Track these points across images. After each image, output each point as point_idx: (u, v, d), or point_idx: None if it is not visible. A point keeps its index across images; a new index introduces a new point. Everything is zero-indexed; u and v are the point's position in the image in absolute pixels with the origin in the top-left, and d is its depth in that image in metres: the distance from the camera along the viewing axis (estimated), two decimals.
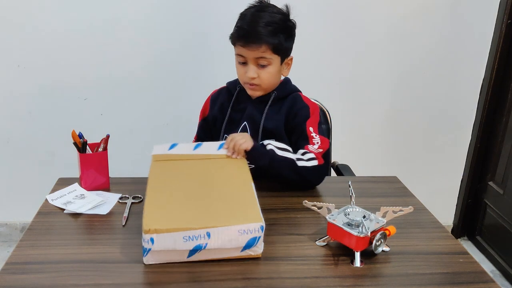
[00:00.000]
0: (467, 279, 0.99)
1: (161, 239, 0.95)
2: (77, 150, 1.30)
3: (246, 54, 1.34)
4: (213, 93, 1.55)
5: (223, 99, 1.50)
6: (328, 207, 1.08)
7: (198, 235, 0.96)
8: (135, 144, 2.25)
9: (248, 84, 1.39)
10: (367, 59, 2.24)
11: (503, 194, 2.27)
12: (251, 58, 1.34)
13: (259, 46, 1.32)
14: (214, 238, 0.97)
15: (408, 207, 1.06)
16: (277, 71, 1.39)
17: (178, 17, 2.10)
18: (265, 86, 1.40)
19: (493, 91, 2.29)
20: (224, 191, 1.12)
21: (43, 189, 1.37)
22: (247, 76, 1.36)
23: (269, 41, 1.32)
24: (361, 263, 1.01)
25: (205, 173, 1.20)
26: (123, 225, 1.14)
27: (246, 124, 1.44)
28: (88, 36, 2.09)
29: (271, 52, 1.34)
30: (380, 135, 2.40)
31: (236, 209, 1.04)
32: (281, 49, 1.36)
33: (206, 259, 1.00)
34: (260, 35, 1.31)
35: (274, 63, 1.37)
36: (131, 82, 2.18)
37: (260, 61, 1.35)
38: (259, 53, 1.33)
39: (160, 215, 1.00)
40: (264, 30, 1.31)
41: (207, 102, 1.54)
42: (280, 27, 1.35)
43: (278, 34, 1.33)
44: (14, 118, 2.20)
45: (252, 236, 0.98)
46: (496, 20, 2.22)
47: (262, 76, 1.37)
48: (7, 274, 0.95)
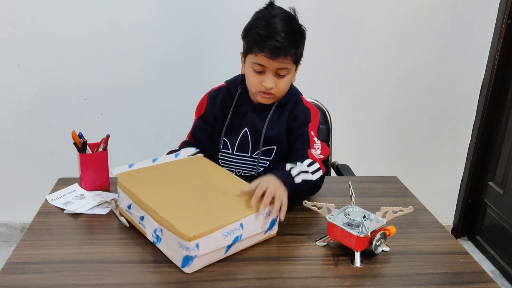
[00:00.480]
0: (467, 279, 0.99)
1: (205, 242, 0.95)
2: (77, 150, 1.30)
3: (268, 64, 1.26)
4: (211, 91, 1.47)
5: (224, 99, 1.43)
6: (328, 207, 1.08)
7: (234, 228, 0.99)
8: (135, 144, 2.25)
9: (261, 93, 1.32)
10: (368, 59, 2.24)
11: (503, 194, 2.27)
12: (272, 69, 1.27)
13: (285, 58, 1.25)
14: (246, 227, 1.02)
15: (408, 207, 1.06)
16: (291, 79, 1.35)
17: (178, 17, 2.10)
18: (280, 95, 1.35)
19: (493, 91, 2.29)
20: (218, 186, 1.14)
21: (43, 189, 1.37)
22: (265, 86, 1.29)
23: (293, 52, 1.26)
24: (361, 263, 1.01)
25: (184, 175, 1.20)
26: (127, 226, 1.14)
27: (247, 130, 1.40)
28: (88, 36, 2.09)
29: (292, 63, 1.29)
30: (380, 135, 2.40)
31: (245, 199, 1.08)
32: (300, 58, 1.33)
33: (239, 250, 1.04)
34: (286, 47, 1.24)
35: (291, 72, 1.32)
36: (131, 82, 2.18)
37: (280, 71, 1.28)
38: (284, 64, 1.27)
39: (190, 220, 0.98)
40: (289, 42, 1.24)
41: (204, 101, 1.46)
42: (300, 36, 1.30)
43: (299, 44, 1.29)
44: (14, 118, 2.20)
45: (272, 218, 1.08)
46: (496, 20, 2.22)
47: (280, 86, 1.31)
48: (7, 274, 0.95)
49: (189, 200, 1.08)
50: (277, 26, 1.25)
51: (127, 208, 1.13)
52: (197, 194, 1.11)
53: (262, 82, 1.29)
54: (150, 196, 1.07)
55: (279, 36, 1.23)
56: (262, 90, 1.31)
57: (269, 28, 1.25)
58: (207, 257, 0.98)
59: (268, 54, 1.24)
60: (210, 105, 1.44)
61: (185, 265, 0.96)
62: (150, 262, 1.01)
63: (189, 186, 1.15)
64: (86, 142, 1.31)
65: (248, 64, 1.31)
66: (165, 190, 1.12)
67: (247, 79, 1.35)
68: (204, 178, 1.19)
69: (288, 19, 1.29)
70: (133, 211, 1.10)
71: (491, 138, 2.38)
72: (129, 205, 1.12)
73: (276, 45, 1.22)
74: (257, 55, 1.26)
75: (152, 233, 1.03)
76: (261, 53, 1.25)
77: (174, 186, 1.15)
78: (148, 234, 1.06)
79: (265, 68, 1.28)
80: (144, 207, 1.05)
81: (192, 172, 1.23)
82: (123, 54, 2.13)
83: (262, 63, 1.27)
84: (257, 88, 1.32)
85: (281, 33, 1.23)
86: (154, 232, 1.03)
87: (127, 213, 1.14)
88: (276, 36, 1.23)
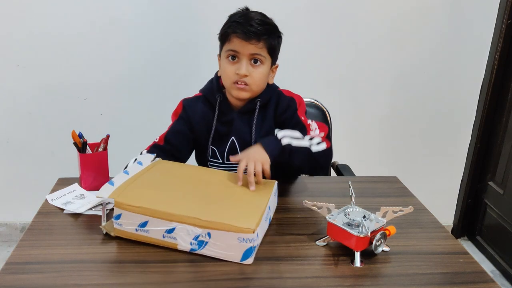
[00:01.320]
0: (467, 279, 0.99)
1: (260, 230, 1.03)
2: (77, 150, 1.31)
3: (241, 48, 1.28)
4: (187, 99, 1.43)
5: (204, 110, 1.40)
6: (328, 207, 1.08)
7: (267, 212, 1.10)
8: (135, 144, 2.24)
9: (236, 84, 1.31)
10: (368, 59, 2.24)
11: (503, 194, 2.27)
12: (246, 54, 1.29)
13: (258, 41, 1.28)
14: (272, 208, 1.16)
15: (408, 207, 1.06)
16: (266, 74, 1.35)
17: (178, 17, 2.10)
18: (255, 88, 1.33)
19: (493, 91, 2.29)
20: (213, 181, 1.19)
21: (43, 189, 1.37)
22: (239, 73, 1.29)
23: (267, 39, 1.29)
24: (361, 263, 1.01)
25: (172, 178, 1.19)
26: (104, 233, 1.10)
27: (234, 139, 1.39)
28: (88, 36, 2.09)
29: (267, 52, 1.31)
30: (380, 135, 2.40)
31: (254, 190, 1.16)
32: (275, 52, 1.34)
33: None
34: (259, 31, 1.27)
35: (266, 65, 1.33)
36: (131, 82, 2.18)
37: (255, 57, 1.29)
38: (257, 48, 1.28)
39: (235, 214, 1.02)
40: (263, 28, 1.28)
41: (179, 108, 1.43)
42: (275, 30, 1.33)
43: (274, 35, 1.32)
44: (14, 118, 2.20)
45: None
46: (496, 20, 2.22)
47: (254, 75, 1.30)
48: (7, 274, 0.95)
49: (209, 198, 1.09)
50: (248, 15, 1.31)
51: (138, 227, 1.04)
52: (208, 191, 1.13)
53: (236, 70, 1.30)
54: (172, 206, 1.03)
55: (254, 22, 1.28)
56: (236, 80, 1.31)
57: (245, 17, 1.30)
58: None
59: (242, 35, 1.27)
60: (186, 113, 1.41)
61: (247, 257, 0.99)
62: (150, 262, 1.01)
63: (192, 186, 1.15)
64: (86, 142, 1.31)
65: (223, 56, 1.34)
66: (177, 196, 1.09)
67: (222, 73, 1.35)
68: (192, 177, 1.21)
69: (265, 16, 1.33)
70: (151, 228, 1.02)
71: (491, 138, 2.38)
72: (143, 223, 1.03)
73: (250, 28, 1.27)
74: (231, 40, 1.29)
75: (192, 241, 1.00)
76: (235, 34, 1.28)
77: (180, 191, 1.12)
78: (183, 244, 1.02)
79: (239, 54, 1.30)
80: (175, 218, 1.00)
81: (176, 175, 1.21)
82: (123, 54, 2.13)
83: (235, 47, 1.29)
84: (231, 79, 1.32)
85: (250, 19, 1.29)
86: (195, 239, 1.00)
87: (136, 233, 1.04)
88: (251, 21, 1.28)
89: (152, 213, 1.02)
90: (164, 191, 1.11)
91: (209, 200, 1.09)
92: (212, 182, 1.18)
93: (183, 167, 1.29)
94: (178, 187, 1.14)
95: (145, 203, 1.03)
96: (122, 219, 1.04)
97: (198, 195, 1.11)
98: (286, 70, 2.16)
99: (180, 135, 1.40)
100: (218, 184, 1.18)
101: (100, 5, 2.05)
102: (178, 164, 1.30)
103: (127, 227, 1.04)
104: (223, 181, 1.19)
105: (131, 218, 1.03)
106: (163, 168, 1.24)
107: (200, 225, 0.99)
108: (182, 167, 1.28)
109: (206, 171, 1.30)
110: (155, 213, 1.01)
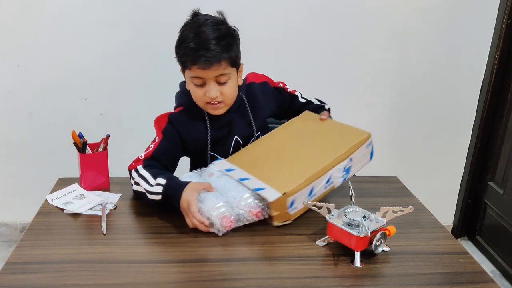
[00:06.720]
0: (467, 279, 0.99)
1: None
2: (77, 150, 1.31)
3: (205, 75, 1.25)
4: (173, 114, 1.38)
5: (193, 122, 1.37)
6: (328, 207, 1.08)
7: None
8: (135, 144, 2.24)
9: (209, 104, 1.30)
10: (368, 59, 2.24)
11: (503, 194, 2.27)
12: (210, 78, 1.25)
13: (219, 64, 1.23)
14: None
15: (408, 207, 1.06)
16: (236, 83, 1.33)
17: (178, 17, 2.10)
18: (229, 102, 1.33)
19: (493, 91, 2.29)
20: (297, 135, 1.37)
21: (43, 189, 1.37)
22: (210, 96, 1.27)
23: (226, 56, 1.24)
24: (361, 263, 1.01)
25: (267, 151, 1.33)
26: (104, 233, 1.11)
27: (237, 138, 1.39)
28: (88, 36, 2.09)
29: (230, 67, 1.27)
30: (380, 135, 2.39)
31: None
32: (237, 61, 1.30)
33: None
34: (218, 53, 1.22)
35: (233, 77, 1.30)
36: (131, 82, 2.18)
37: (220, 78, 1.26)
38: (220, 70, 1.24)
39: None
40: (219, 47, 1.22)
41: (164, 122, 1.37)
42: (231, 39, 1.27)
43: (232, 46, 1.26)
44: (14, 118, 2.20)
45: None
46: (496, 20, 2.22)
47: (225, 92, 1.28)
48: (7, 274, 0.95)
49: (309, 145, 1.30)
50: (206, 35, 1.23)
51: (307, 198, 1.17)
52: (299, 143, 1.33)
53: (206, 93, 1.28)
54: (307, 165, 1.20)
55: (209, 44, 1.22)
56: (208, 101, 1.30)
57: (198, 38, 1.23)
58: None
59: (201, 65, 1.23)
60: (175, 128, 1.36)
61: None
62: (150, 262, 1.01)
63: (289, 146, 1.32)
64: (86, 142, 1.31)
65: (188, 80, 1.31)
66: (296, 158, 1.25)
67: (192, 95, 1.32)
68: (278, 142, 1.35)
69: (216, 24, 1.27)
70: (316, 189, 1.18)
71: (491, 138, 2.38)
72: (310, 192, 1.17)
73: (207, 54, 1.21)
74: (191, 69, 1.25)
75: (343, 174, 1.24)
76: (195, 65, 1.23)
77: (287, 155, 1.28)
78: (339, 180, 1.25)
79: (204, 79, 1.26)
80: (323, 171, 1.18)
81: (264, 151, 1.33)
82: (124, 54, 2.13)
83: (199, 75, 1.25)
84: (203, 101, 1.30)
85: (211, 40, 1.22)
86: (344, 171, 1.24)
87: (306, 204, 1.13)
88: (206, 45, 1.22)
89: (311, 179, 1.16)
90: (285, 165, 1.24)
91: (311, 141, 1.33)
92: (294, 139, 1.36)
93: (257, 146, 1.37)
94: (280, 155, 1.29)
95: (300, 177, 1.15)
96: (296, 203, 1.15)
97: (301, 147, 1.30)
98: (286, 70, 2.16)
99: (170, 153, 1.35)
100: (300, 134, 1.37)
101: (100, 5, 2.05)
102: (253, 146, 1.38)
103: (300, 205, 1.16)
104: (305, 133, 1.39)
105: (301, 195, 1.15)
106: (244, 157, 1.32)
107: (340, 159, 1.22)
108: (256, 147, 1.37)
109: (282, 134, 1.39)
110: (313, 177, 1.16)
